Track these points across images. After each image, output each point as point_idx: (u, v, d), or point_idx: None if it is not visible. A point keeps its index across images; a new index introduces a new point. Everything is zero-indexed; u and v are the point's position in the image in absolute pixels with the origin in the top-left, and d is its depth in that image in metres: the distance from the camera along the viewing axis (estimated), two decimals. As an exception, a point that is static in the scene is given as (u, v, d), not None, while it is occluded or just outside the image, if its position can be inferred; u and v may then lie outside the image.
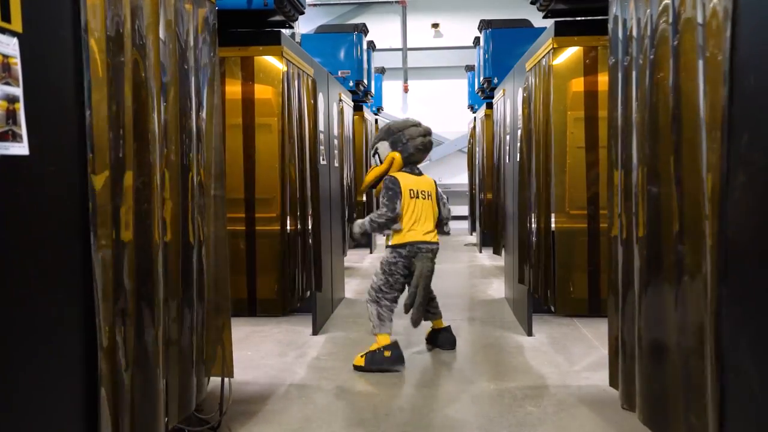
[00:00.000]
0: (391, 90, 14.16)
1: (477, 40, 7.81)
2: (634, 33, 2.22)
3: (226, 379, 2.76)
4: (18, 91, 1.42)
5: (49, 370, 1.58)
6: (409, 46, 14.62)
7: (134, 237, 1.90)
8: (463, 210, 13.41)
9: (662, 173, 2.02)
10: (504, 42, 6.89)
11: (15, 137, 1.40)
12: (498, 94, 5.94)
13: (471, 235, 10.95)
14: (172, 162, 2.18)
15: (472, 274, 7.07)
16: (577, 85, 3.85)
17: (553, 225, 3.89)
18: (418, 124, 3.87)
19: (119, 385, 1.83)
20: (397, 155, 3.77)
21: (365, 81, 7.72)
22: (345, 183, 6.21)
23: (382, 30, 14.01)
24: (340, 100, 5.78)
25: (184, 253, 2.28)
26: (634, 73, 2.24)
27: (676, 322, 1.94)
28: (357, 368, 3.61)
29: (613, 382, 2.57)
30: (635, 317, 2.26)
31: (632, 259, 2.28)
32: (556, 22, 3.78)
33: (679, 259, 1.92)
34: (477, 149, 8.67)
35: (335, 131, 5.37)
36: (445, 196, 3.99)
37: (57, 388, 1.62)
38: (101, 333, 1.72)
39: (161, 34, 2.07)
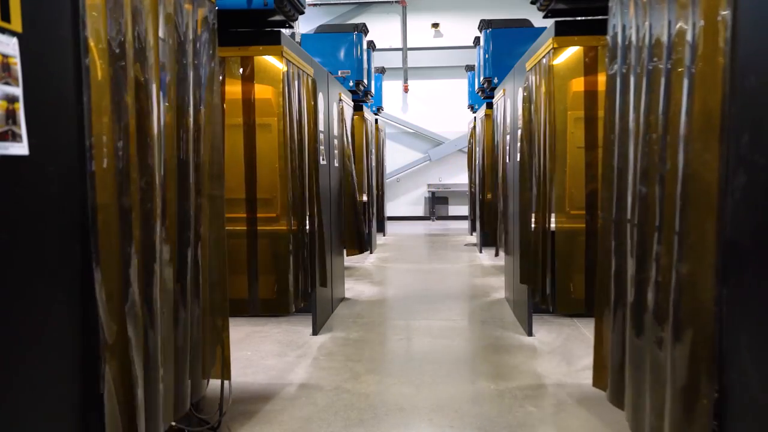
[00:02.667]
0: (391, 90, 14.17)
1: (477, 40, 7.81)
2: (633, 41, 2.22)
3: (226, 380, 2.75)
4: (18, 91, 1.42)
5: (49, 370, 1.58)
6: (409, 46, 14.63)
7: (140, 236, 1.91)
8: (463, 210, 13.41)
9: (650, 176, 2.03)
10: (504, 42, 6.88)
11: (15, 137, 1.40)
12: (498, 94, 5.93)
13: (471, 235, 10.95)
14: (172, 162, 2.18)
15: (472, 274, 7.07)
16: (577, 85, 3.84)
17: (552, 225, 3.89)
18: None
19: (123, 385, 1.83)
20: None
21: (365, 81, 7.72)
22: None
23: (382, 30, 14.02)
24: (340, 100, 5.78)
25: (181, 253, 2.28)
26: (632, 79, 2.24)
27: (657, 327, 1.96)
28: None
29: (596, 383, 2.59)
30: (624, 322, 2.27)
31: (625, 262, 2.29)
32: (556, 22, 3.77)
33: (658, 262, 1.95)
34: (477, 149, 8.66)
35: (335, 131, 5.37)
36: None
37: (56, 388, 1.61)
38: (104, 336, 1.72)
39: (161, 34, 2.07)
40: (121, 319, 1.82)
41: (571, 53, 3.79)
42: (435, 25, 14.65)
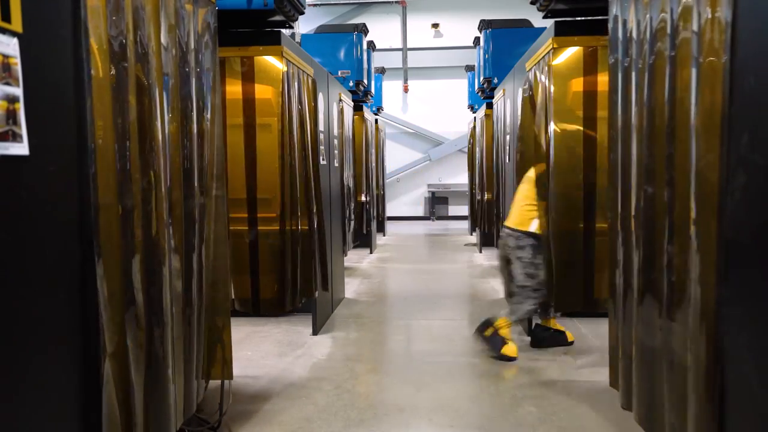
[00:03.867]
0: (391, 90, 14.16)
1: (477, 40, 7.81)
2: (634, 35, 2.22)
3: (227, 380, 2.75)
4: (18, 91, 1.42)
5: (49, 371, 1.58)
6: (409, 46, 14.63)
7: (143, 237, 1.91)
8: (463, 210, 13.40)
9: (657, 174, 2.03)
10: (504, 42, 6.88)
11: (15, 137, 1.40)
12: (498, 94, 5.94)
13: (471, 235, 10.95)
14: (176, 163, 2.18)
15: (471, 274, 7.07)
16: (577, 85, 3.84)
17: (554, 225, 3.88)
18: None
19: (127, 387, 1.83)
20: None
21: (365, 81, 7.72)
22: (345, 183, 6.20)
23: (382, 30, 14.01)
24: (340, 100, 5.78)
25: (186, 253, 2.29)
26: (633, 75, 2.24)
27: (671, 325, 1.95)
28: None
29: (613, 383, 2.57)
30: (633, 320, 2.27)
31: (631, 262, 2.28)
32: (556, 22, 3.77)
33: (671, 260, 1.94)
34: (477, 149, 8.66)
35: (335, 131, 5.37)
36: None
37: (56, 389, 1.62)
38: (104, 336, 1.72)
39: (162, 35, 2.07)
40: (122, 319, 1.82)
41: (571, 53, 3.79)
42: (435, 25, 14.65)
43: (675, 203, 1.92)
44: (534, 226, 3.83)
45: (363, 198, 7.95)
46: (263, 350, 4.04)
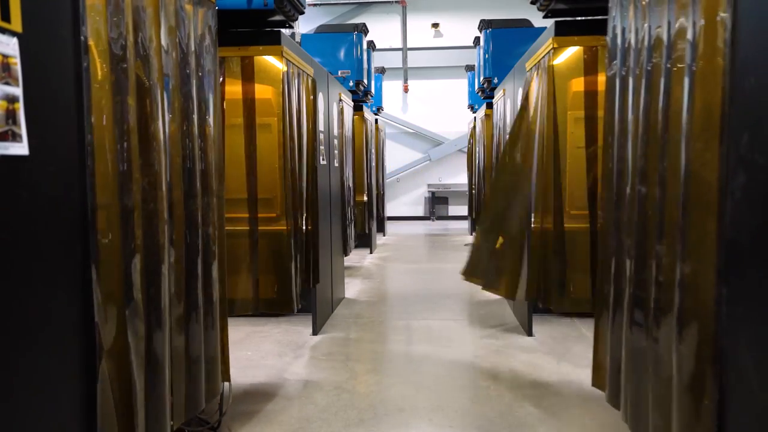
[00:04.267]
0: (391, 90, 14.16)
1: (477, 40, 7.81)
2: (632, 43, 2.22)
3: (226, 380, 2.75)
4: (18, 91, 1.42)
5: (48, 371, 1.58)
6: (409, 46, 14.63)
7: (143, 237, 1.91)
8: (463, 210, 13.41)
9: (650, 178, 2.04)
10: (504, 42, 6.88)
11: (15, 137, 1.40)
12: (498, 94, 5.94)
13: (471, 235, 10.94)
14: (176, 162, 2.18)
15: (472, 274, 7.06)
16: (577, 84, 3.84)
17: (552, 225, 3.89)
18: None
19: (120, 386, 1.83)
20: None
21: (365, 81, 7.72)
22: (345, 183, 6.20)
23: (382, 30, 14.02)
24: (340, 100, 5.78)
25: (188, 253, 2.29)
26: (630, 80, 2.24)
27: (662, 326, 1.96)
28: None
29: (597, 383, 2.59)
30: (624, 320, 2.27)
31: (624, 265, 2.28)
32: (556, 22, 3.77)
33: (659, 262, 1.94)
34: (477, 149, 8.67)
35: (335, 131, 5.37)
36: None
37: (56, 389, 1.62)
38: (101, 335, 1.72)
39: (162, 34, 2.07)
40: (120, 319, 1.82)
41: (571, 53, 3.79)
42: (435, 25, 14.65)
43: (669, 204, 1.92)
44: None
45: (363, 198, 7.95)
46: (263, 350, 4.05)
